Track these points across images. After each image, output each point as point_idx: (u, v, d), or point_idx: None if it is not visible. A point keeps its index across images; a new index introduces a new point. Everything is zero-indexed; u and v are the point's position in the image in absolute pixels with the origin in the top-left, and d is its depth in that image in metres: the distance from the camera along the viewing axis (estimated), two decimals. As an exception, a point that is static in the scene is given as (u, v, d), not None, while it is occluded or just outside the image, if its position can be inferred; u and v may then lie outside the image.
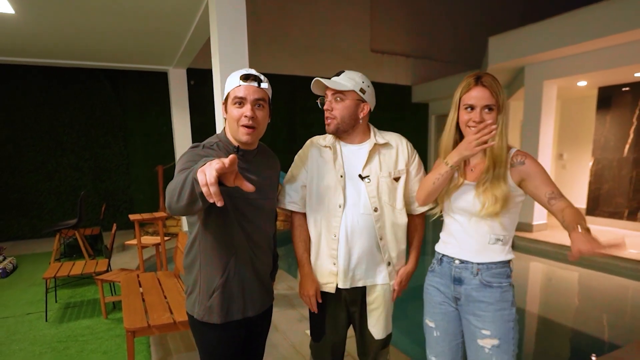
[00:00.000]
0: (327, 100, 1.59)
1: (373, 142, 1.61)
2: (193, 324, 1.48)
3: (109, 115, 7.17)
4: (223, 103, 1.43)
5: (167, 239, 4.72)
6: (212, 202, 0.93)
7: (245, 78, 1.36)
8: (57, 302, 3.90)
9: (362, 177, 1.59)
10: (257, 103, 1.38)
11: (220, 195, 0.92)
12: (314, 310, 1.68)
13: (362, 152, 1.61)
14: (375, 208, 1.58)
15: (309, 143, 1.72)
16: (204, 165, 0.95)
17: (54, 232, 5.22)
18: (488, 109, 1.37)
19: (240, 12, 3.37)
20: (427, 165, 7.25)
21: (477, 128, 1.35)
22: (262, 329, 1.64)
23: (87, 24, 4.42)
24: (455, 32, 10.57)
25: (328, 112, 1.58)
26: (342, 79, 1.56)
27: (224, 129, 1.47)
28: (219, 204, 0.92)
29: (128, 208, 7.45)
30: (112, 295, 3.81)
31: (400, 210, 1.64)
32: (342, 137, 1.63)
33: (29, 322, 3.46)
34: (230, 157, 0.94)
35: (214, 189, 0.91)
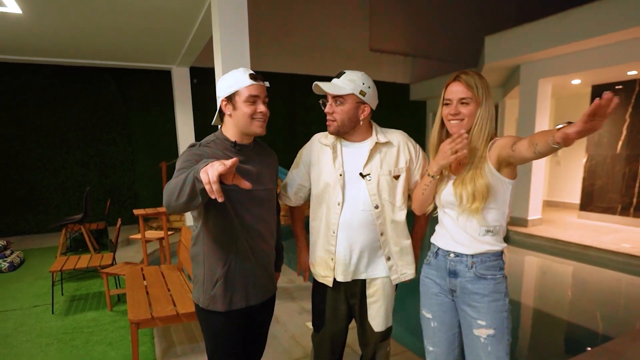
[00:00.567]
0: (328, 103, 1.60)
1: (374, 140, 1.62)
2: (199, 311, 1.56)
3: (114, 113, 7.22)
4: (225, 99, 1.48)
5: (170, 234, 4.79)
6: (213, 198, 1.04)
7: (254, 77, 1.46)
8: (63, 294, 3.95)
9: (362, 175, 1.61)
10: (265, 100, 1.50)
11: (222, 192, 1.04)
12: (305, 281, 1.82)
13: (363, 150, 1.62)
14: (377, 205, 1.60)
15: (312, 140, 1.76)
16: (206, 166, 1.06)
17: (60, 226, 5.29)
18: (462, 103, 1.43)
19: (242, 11, 3.44)
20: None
21: (451, 138, 1.38)
22: (264, 318, 1.71)
23: (92, 24, 4.47)
24: (453, 31, 10.63)
25: (329, 114, 1.60)
26: (341, 82, 1.56)
27: (220, 128, 1.56)
28: (220, 200, 1.04)
29: (132, 203, 7.51)
30: (116, 288, 3.85)
31: (400, 208, 1.66)
32: (343, 135, 1.65)
33: (36, 314, 3.50)
34: (232, 160, 1.06)
35: (216, 187, 1.02)
